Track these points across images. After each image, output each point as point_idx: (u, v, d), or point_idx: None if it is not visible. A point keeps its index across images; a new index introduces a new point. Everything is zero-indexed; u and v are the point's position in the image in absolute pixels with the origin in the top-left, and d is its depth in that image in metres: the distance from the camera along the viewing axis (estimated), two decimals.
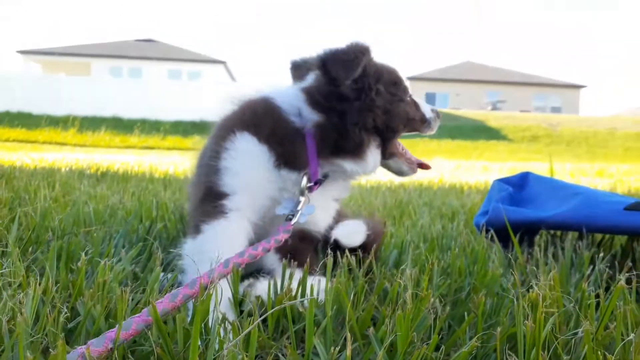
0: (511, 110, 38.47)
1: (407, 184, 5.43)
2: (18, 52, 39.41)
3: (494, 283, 1.34)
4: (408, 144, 1.67)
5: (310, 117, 1.44)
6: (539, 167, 12.61)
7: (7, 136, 21.95)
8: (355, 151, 1.44)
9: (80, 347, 0.86)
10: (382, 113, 1.46)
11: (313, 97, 1.44)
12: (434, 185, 5.56)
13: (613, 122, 32.20)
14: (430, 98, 44.67)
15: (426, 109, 1.61)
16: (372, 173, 1.54)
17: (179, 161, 10.63)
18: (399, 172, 1.58)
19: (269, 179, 1.44)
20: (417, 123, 1.58)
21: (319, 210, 1.52)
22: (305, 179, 1.44)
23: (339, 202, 1.69)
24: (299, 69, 1.64)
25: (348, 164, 1.46)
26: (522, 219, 1.91)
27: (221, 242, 1.34)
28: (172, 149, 21.33)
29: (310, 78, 1.52)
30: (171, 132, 25.21)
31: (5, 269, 1.19)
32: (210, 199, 1.40)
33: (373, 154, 1.48)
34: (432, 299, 1.17)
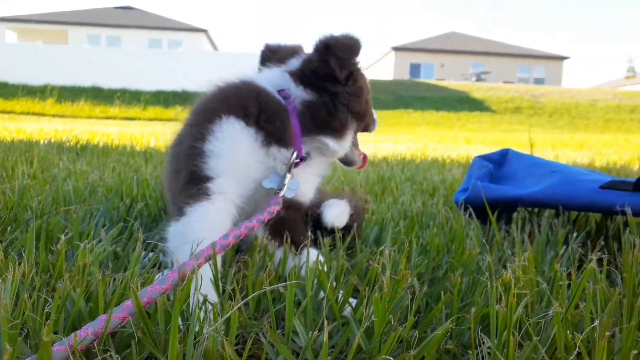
0: (495, 81, 38.57)
1: (390, 158, 5.45)
2: None
3: (471, 262, 1.37)
4: (393, 115, 1.74)
5: (300, 95, 1.51)
6: (521, 139, 12.74)
7: None
8: (340, 130, 1.52)
9: (66, 338, 0.87)
10: (365, 102, 1.58)
11: (305, 77, 1.52)
12: (417, 158, 5.59)
13: (594, 93, 32.50)
14: (415, 69, 44.55)
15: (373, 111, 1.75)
16: (341, 155, 1.62)
17: (160, 132, 10.50)
18: (351, 162, 1.66)
19: (256, 160, 1.46)
20: (373, 122, 1.70)
21: (305, 183, 1.59)
22: (294, 155, 1.48)
23: (320, 178, 1.73)
24: (276, 53, 1.68)
25: (331, 142, 1.53)
26: (500, 197, 1.94)
27: (205, 224, 1.35)
28: (153, 120, 21.05)
29: (296, 61, 1.58)
30: (152, 102, 24.83)
31: None
32: (194, 182, 1.40)
33: (349, 137, 1.57)
34: (409, 279, 1.19)
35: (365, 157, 1.68)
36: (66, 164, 3.31)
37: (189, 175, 1.42)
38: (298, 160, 1.51)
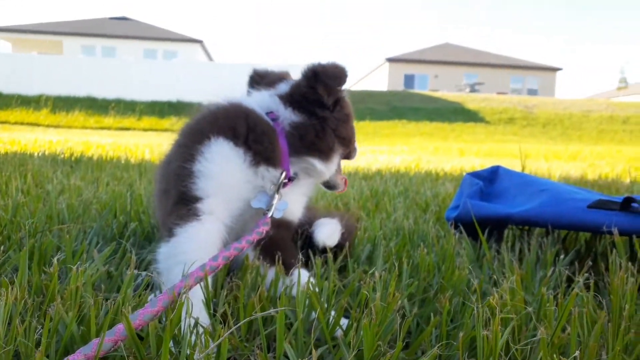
0: (489, 92, 38.84)
1: (384, 171, 5.48)
2: None
3: (461, 282, 1.39)
4: (388, 126, 1.78)
5: (289, 117, 1.54)
6: (515, 149, 12.81)
7: None
8: (327, 152, 1.56)
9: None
10: (350, 128, 1.62)
11: (294, 100, 1.56)
12: (411, 171, 5.62)
13: (588, 104, 32.76)
14: (410, 79, 44.80)
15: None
16: (325, 178, 1.64)
17: (155, 143, 10.51)
18: (334, 186, 1.68)
19: (245, 180, 1.47)
20: (354, 148, 1.72)
21: (294, 203, 1.61)
22: (283, 175, 1.50)
23: (308, 198, 1.76)
24: (264, 77, 1.72)
25: (318, 163, 1.56)
26: (490, 215, 1.96)
27: (195, 245, 1.36)
28: (148, 130, 21.05)
29: (284, 86, 1.61)
30: (147, 112, 24.83)
31: None
32: (184, 202, 1.41)
33: (336, 160, 1.60)
34: (399, 301, 1.20)
35: (346, 181, 1.71)
36: (60, 178, 3.31)
37: (178, 196, 1.43)
38: (286, 181, 1.53)
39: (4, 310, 1.06)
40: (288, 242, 1.62)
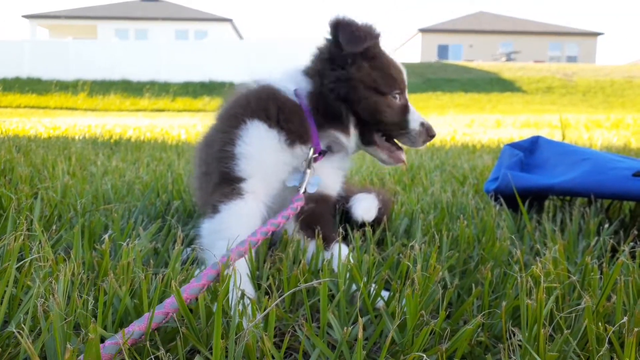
0: (525, 60, 37.66)
1: None
2: (24, 16, 39.06)
3: (502, 254, 1.39)
4: (422, 99, 1.75)
5: (305, 87, 1.57)
6: (553, 119, 12.45)
7: (19, 102, 22.09)
8: (341, 124, 1.56)
9: (115, 335, 0.93)
10: (354, 89, 1.53)
11: (310, 66, 1.59)
12: (447, 144, 5.55)
13: (630, 70, 31.42)
14: (443, 50, 43.81)
15: (413, 118, 1.60)
16: (354, 151, 1.64)
17: (189, 124, 10.66)
18: (381, 161, 1.64)
19: (282, 161, 1.52)
20: (390, 126, 1.58)
21: (328, 177, 1.63)
22: (312, 151, 1.54)
23: (344, 172, 1.76)
24: None
25: (341, 137, 1.57)
26: (531, 186, 1.93)
27: (238, 221, 1.42)
28: (182, 111, 21.34)
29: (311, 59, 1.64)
30: (180, 93, 25.15)
31: (33, 253, 1.25)
32: (227, 182, 1.47)
33: (353, 132, 1.58)
34: (440, 273, 1.21)
35: (401, 158, 1.62)
36: (102, 160, 3.42)
37: (221, 177, 1.49)
38: (317, 156, 1.56)
39: (64, 284, 1.12)
40: (327, 217, 1.64)
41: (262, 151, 1.50)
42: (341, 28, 1.50)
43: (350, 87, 1.52)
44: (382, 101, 1.55)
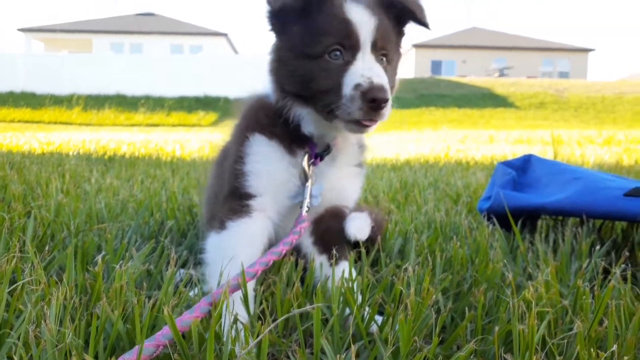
0: (518, 76, 38.00)
1: (413, 161, 5.46)
2: (19, 30, 39.15)
3: (495, 276, 1.39)
4: (416, 114, 1.70)
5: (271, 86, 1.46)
6: (546, 135, 12.55)
7: (13, 117, 22.06)
8: (306, 107, 1.41)
9: None
10: (283, 64, 1.39)
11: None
12: (440, 160, 5.58)
13: (621, 86, 31.78)
14: (437, 65, 44.15)
15: (348, 80, 1.28)
16: (335, 131, 1.45)
17: (184, 139, 10.67)
18: (350, 131, 1.37)
19: (290, 173, 1.46)
20: (323, 95, 1.32)
21: (338, 182, 1.53)
22: (306, 157, 1.45)
23: (361, 169, 1.61)
24: None
25: (318, 124, 1.43)
26: (523, 205, 1.95)
27: (244, 241, 1.40)
28: (177, 126, 21.37)
29: None
30: (175, 108, 25.19)
31: (26, 276, 1.25)
32: (235, 198, 1.44)
33: (309, 111, 1.41)
34: (433, 297, 1.22)
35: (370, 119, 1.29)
36: (96, 177, 3.41)
37: (230, 190, 1.46)
38: (314, 160, 1.46)
39: (56, 308, 1.11)
40: (339, 232, 1.56)
41: (269, 166, 1.45)
42: None
43: (281, 63, 1.38)
44: (312, 66, 1.31)
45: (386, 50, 1.37)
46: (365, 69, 1.27)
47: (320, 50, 1.29)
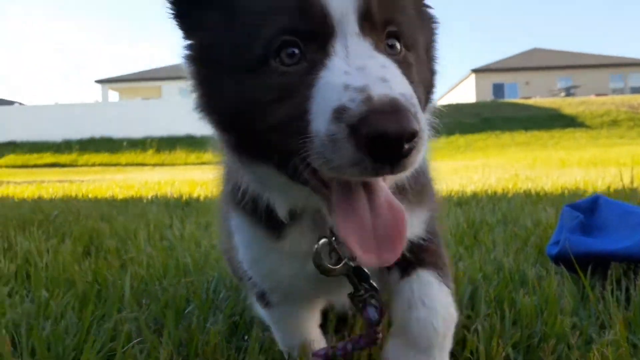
0: (586, 94, 36.56)
1: (480, 193, 5.40)
2: (96, 81, 42.28)
3: (564, 329, 1.43)
4: (480, 138, 1.73)
5: None
6: (621, 154, 11.94)
7: (94, 160, 23.73)
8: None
9: None
10: (197, 83, 1.01)
11: None
12: (509, 191, 5.49)
13: None
14: (498, 89, 43.34)
15: (323, 100, 0.76)
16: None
17: None
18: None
19: (289, 265, 1.14)
20: (274, 135, 0.83)
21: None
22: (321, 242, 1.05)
23: (423, 208, 1.14)
24: None
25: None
26: (592, 251, 1.95)
27: (285, 327, 1.37)
28: None
29: None
30: None
31: (135, 339, 1.42)
32: (254, 289, 1.31)
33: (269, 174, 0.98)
34: (503, 353, 1.28)
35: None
36: (177, 224, 3.67)
37: (248, 281, 1.27)
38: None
39: None
40: (434, 256, 1.19)
41: (261, 261, 1.13)
42: None
43: (201, 85, 0.90)
44: (249, 84, 0.83)
45: (397, 24, 0.83)
46: (351, 70, 0.75)
47: (260, 52, 0.79)
